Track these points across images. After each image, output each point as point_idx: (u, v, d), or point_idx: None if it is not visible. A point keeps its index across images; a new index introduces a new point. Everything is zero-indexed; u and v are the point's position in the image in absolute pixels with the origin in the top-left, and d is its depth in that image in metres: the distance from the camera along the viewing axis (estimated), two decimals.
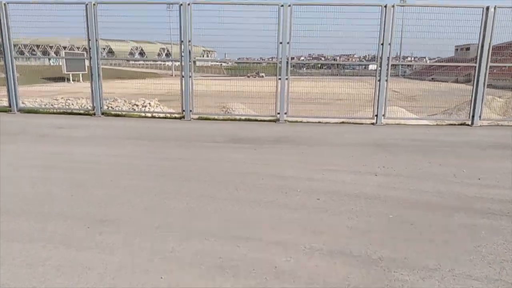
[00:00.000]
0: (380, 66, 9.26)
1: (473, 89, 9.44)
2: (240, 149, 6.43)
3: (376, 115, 9.45)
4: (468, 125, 9.46)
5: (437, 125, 9.62)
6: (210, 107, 10.20)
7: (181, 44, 9.40)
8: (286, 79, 9.39)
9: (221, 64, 15.25)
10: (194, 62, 9.73)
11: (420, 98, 11.19)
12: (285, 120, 9.54)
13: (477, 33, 9.18)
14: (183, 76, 9.57)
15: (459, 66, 12.88)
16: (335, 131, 8.46)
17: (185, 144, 6.83)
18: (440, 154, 6.24)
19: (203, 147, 6.55)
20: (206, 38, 9.43)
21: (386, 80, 9.34)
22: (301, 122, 9.67)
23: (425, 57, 12.49)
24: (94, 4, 9.42)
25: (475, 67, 9.26)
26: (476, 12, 9.09)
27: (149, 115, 10.35)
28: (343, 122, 9.64)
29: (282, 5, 9.06)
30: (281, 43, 9.23)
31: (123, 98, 12.32)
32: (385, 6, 9.01)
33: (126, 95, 12.36)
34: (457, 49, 11.25)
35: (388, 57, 9.24)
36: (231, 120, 9.76)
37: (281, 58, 9.30)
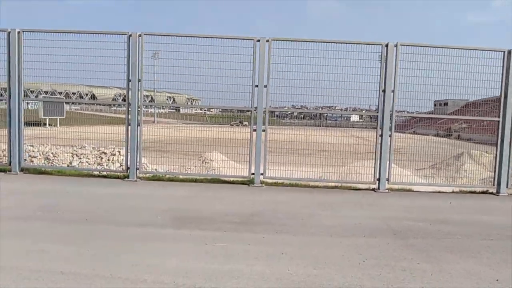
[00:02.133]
0: (382, 118, 7.06)
1: (496, 149, 7.27)
2: (182, 241, 3.88)
3: (378, 179, 7.10)
4: (492, 193, 7.18)
5: (453, 192, 7.32)
6: (183, 155, 7.70)
7: (128, 83, 7.08)
8: (263, 130, 7.07)
9: (204, 112, 13.27)
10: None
11: (406, 151, 8.95)
12: (262, 182, 7.09)
13: (494, 81, 7.17)
14: (129, 124, 7.15)
15: (440, 120, 11.24)
16: (327, 202, 6.02)
17: (99, 230, 4.24)
18: (498, 254, 3.83)
19: (123, 238, 3.97)
20: (161, 78, 7.15)
21: (390, 136, 7.11)
22: (282, 184, 7.24)
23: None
24: (18, 33, 7.14)
25: (498, 121, 7.16)
26: (496, 56, 7.15)
27: (89, 172, 7.74)
28: (335, 187, 7.24)
29: (259, 40, 6.95)
30: (256, 86, 7.00)
31: (90, 145, 9.74)
32: (387, 45, 6.99)
33: (96, 142, 9.70)
34: (435, 104, 9.59)
35: (392, 107, 7.08)
36: (191, 181, 7.26)
37: (256, 105, 7.04)
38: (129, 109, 7.09)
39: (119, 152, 13.39)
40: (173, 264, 3.28)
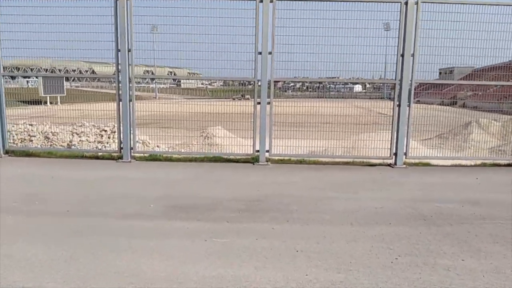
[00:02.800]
0: (400, 86, 6.27)
1: None
2: (177, 237, 3.23)
3: (395, 153, 6.40)
4: None
5: (475, 165, 6.62)
6: (185, 131, 6.99)
7: (117, 54, 6.27)
8: (268, 103, 6.31)
9: (206, 86, 12.55)
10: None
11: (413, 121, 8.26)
12: (267, 160, 6.40)
13: None
14: (120, 100, 6.40)
15: (445, 88, 10.55)
16: (340, 181, 5.34)
17: (80, 224, 3.59)
18: None
19: (107, 234, 3.32)
20: (152, 47, 6.31)
21: (409, 106, 6.33)
22: (288, 161, 6.55)
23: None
24: None
25: None
26: None
27: (80, 153, 7.07)
28: (347, 163, 6.55)
29: (262, 0, 6.08)
30: (260, 53, 6.18)
31: (91, 123, 9.22)
32: (406, 3, 6.10)
33: (96, 119, 9.03)
34: (440, 72, 8.86)
35: (411, 73, 6.27)
36: (190, 160, 6.58)
37: (260, 75, 6.25)
38: (120, 83, 6.33)
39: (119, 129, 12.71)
40: (164, 269, 2.63)
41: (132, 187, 4.87)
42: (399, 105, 6.30)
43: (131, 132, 6.44)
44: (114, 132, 13.14)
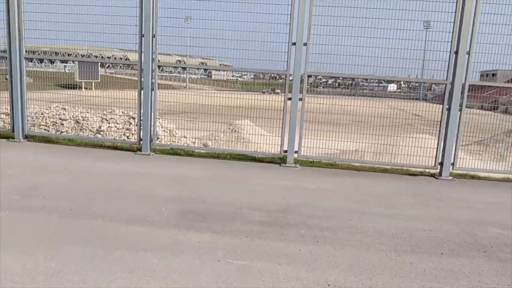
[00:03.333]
0: (452, 87, 5.47)
1: None
2: (186, 254, 2.70)
3: (441, 163, 5.63)
4: None
5: None
6: (215, 124, 6.50)
7: (141, 39, 5.82)
8: (300, 99, 5.69)
9: (236, 78, 12.16)
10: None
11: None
12: (295, 162, 5.80)
13: None
14: (141, 88, 5.96)
15: (486, 91, 9.58)
16: (377, 192, 4.67)
17: (81, 227, 3.13)
18: None
19: (107, 243, 2.84)
20: (179, 33, 5.80)
21: (460, 110, 5.54)
22: (318, 163, 5.92)
23: None
24: None
25: None
26: None
27: (99, 142, 6.71)
28: (385, 170, 5.84)
29: None
30: (294, 44, 5.56)
31: (120, 110, 9.02)
32: None
33: (126, 107, 8.84)
34: (482, 75, 7.89)
35: (466, 73, 5.46)
36: (213, 157, 6.07)
37: (293, 68, 5.64)
38: (142, 70, 5.89)
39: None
40: None
41: (145, 185, 4.40)
42: (448, 109, 5.52)
43: (152, 123, 6.00)
44: (142, 119, 12.96)
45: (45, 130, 10.65)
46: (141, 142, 6.05)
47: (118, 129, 9.63)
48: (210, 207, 3.71)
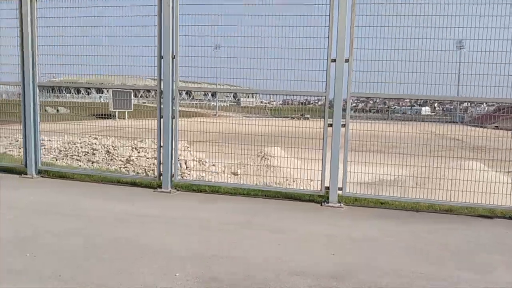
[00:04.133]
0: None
1: None
2: None
3: None
4: None
5: None
6: (242, 151, 5.68)
7: (160, 61, 5.17)
8: (343, 126, 4.77)
9: (265, 105, 11.63)
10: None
11: (491, 150, 6.05)
12: (340, 202, 4.81)
13: None
14: (161, 116, 5.25)
15: None
16: (451, 243, 3.60)
17: None
18: None
19: None
20: (197, 53, 5.09)
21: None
22: (366, 202, 4.91)
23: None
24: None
25: None
26: None
27: (117, 178, 6.01)
28: (448, 211, 4.73)
29: None
30: (334, 60, 4.71)
31: (149, 139, 8.42)
32: None
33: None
34: None
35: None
36: (243, 194, 5.20)
37: (333, 89, 4.76)
38: (162, 96, 5.20)
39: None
40: None
41: (160, 234, 3.57)
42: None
43: (173, 156, 5.25)
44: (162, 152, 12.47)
45: (77, 160, 10.31)
46: (161, 177, 5.29)
47: (147, 158, 9.14)
48: (240, 270, 2.81)
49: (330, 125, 4.75)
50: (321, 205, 4.80)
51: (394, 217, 4.43)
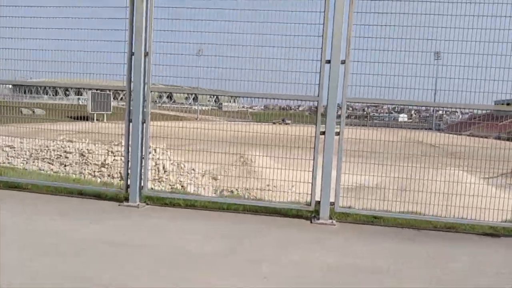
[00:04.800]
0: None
1: None
2: None
3: None
4: None
5: None
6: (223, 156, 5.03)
7: (130, 58, 4.49)
8: (337, 134, 4.24)
9: (247, 109, 11.18)
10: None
11: (467, 155, 5.77)
12: (332, 218, 4.26)
13: None
14: (130, 121, 4.56)
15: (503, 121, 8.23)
16: (475, 272, 3.13)
17: None
18: None
19: None
20: (172, 50, 4.45)
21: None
22: (357, 217, 4.38)
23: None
24: None
25: None
26: None
27: (77, 189, 5.24)
28: (451, 228, 4.27)
29: None
30: (328, 61, 4.18)
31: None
32: None
33: None
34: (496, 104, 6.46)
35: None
36: (221, 208, 4.57)
37: (327, 93, 4.23)
38: (131, 97, 4.52)
39: (154, 150, 11.54)
40: None
41: (117, 272, 2.88)
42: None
43: (142, 165, 4.56)
44: (150, 152, 11.81)
45: (49, 163, 9.49)
46: (128, 189, 4.58)
47: (123, 162, 8.55)
48: None
49: (323, 133, 4.21)
50: (311, 221, 4.23)
51: (392, 235, 3.92)
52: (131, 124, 4.51)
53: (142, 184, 4.57)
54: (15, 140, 6.76)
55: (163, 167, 11.08)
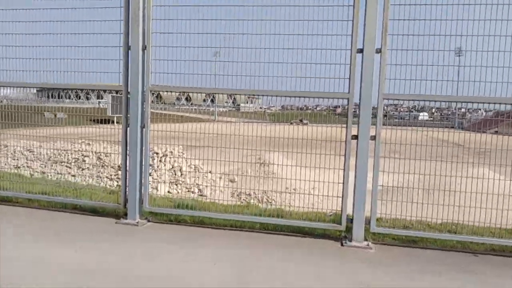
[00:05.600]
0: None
1: None
2: None
3: None
4: None
5: None
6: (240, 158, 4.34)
7: (127, 52, 3.83)
8: (373, 138, 3.46)
9: (264, 110, 10.61)
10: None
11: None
12: (367, 239, 3.49)
13: None
14: (127, 125, 3.91)
15: None
16: None
17: None
18: None
19: None
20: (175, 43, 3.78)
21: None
22: (401, 240, 3.58)
23: None
24: None
25: None
26: None
27: (73, 204, 4.61)
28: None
29: None
30: (360, 51, 3.41)
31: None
32: None
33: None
34: None
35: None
36: (233, 226, 3.86)
37: (359, 87, 3.46)
38: (128, 96, 3.87)
39: (171, 152, 11.16)
40: None
41: None
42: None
43: (142, 175, 3.90)
44: (166, 155, 11.27)
45: (67, 166, 9.21)
46: (127, 204, 3.93)
47: (121, 173, 8.22)
48: None
49: (356, 136, 3.44)
50: (342, 244, 3.47)
51: (451, 267, 3.12)
52: (128, 129, 3.85)
53: (142, 198, 3.91)
54: (34, 144, 6.39)
55: (180, 170, 10.67)
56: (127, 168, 3.90)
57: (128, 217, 3.89)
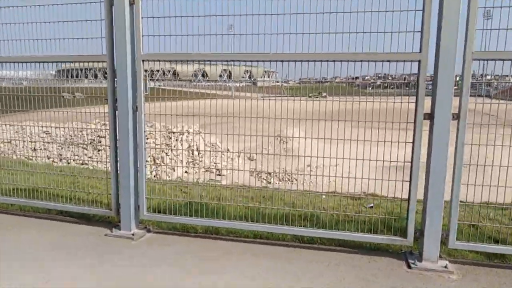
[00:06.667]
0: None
1: None
2: None
3: None
4: None
5: None
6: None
7: (111, 10, 2.82)
8: (455, 118, 2.40)
9: (281, 84, 9.66)
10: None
11: None
12: (443, 258, 2.49)
13: None
14: (115, 111, 2.94)
15: None
16: None
17: None
18: None
19: None
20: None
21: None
22: (496, 271, 2.56)
23: None
24: None
25: None
26: None
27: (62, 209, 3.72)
28: None
29: None
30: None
31: (161, 123, 7.71)
32: None
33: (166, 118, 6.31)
34: None
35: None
36: (248, 237, 2.91)
37: (439, 51, 2.37)
38: (115, 69, 2.88)
39: (187, 132, 10.65)
40: None
41: None
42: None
43: (138, 174, 2.95)
44: (183, 133, 10.53)
45: (83, 148, 8.73)
46: (118, 212, 3.01)
47: (156, 144, 8.23)
48: None
49: (431, 116, 2.38)
50: (409, 266, 2.48)
51: None
52: (116, 113, 2.89)
53: (138, 203, 2.98)
54: (51, 126, 5.64)
55: (197, 149, 10.15)
56: (117, 164, 2.96)
57: (122, 227, 2.98)
